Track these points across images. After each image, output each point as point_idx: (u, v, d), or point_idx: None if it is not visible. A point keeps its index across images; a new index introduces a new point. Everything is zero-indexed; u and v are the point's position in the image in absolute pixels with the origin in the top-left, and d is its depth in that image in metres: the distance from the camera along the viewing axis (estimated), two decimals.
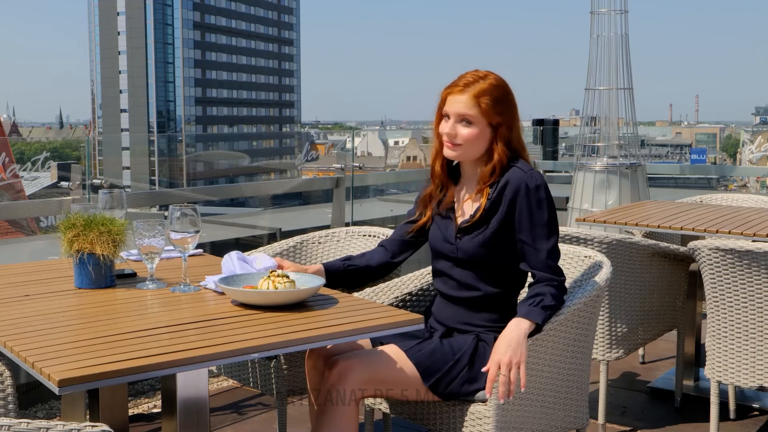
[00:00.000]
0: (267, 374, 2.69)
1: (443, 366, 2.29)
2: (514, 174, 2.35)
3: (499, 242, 2.36)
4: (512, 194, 2.33)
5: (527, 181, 2.32)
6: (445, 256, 2.45)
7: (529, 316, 2.26)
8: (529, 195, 2.32)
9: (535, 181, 2.33)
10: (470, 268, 2.40)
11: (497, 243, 2.36)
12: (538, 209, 2.32)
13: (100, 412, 2.33)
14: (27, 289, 2.29)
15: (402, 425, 3.39)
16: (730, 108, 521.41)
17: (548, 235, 2.33)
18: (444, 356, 2.31)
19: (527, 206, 2.32)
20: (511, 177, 2.35)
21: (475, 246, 2.37)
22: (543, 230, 2.32)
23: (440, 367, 2.29)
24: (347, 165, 5.87)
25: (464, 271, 2.41)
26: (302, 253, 3.23)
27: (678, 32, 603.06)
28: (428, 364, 2.29)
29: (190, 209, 2.21)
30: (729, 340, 3.05)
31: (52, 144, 64.29)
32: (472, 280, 2.40)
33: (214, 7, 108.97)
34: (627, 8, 6.11)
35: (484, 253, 2.37)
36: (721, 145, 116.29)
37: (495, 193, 2.36)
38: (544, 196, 2.33)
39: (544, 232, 2.32)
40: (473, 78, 2.38)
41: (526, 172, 2.35)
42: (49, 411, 3.75)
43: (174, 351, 1.72)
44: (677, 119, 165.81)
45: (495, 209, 2.36)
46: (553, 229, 2.34)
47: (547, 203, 2.34)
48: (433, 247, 2.50)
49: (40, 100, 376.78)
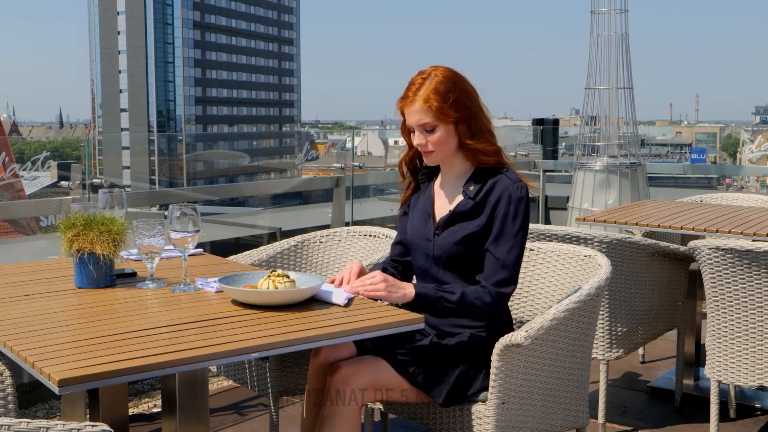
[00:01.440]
0: (262, 375, 2.69)
1: (448, 379, 2.29)
2: (502, 181, 2.35)
3: (476, 244, 2.34)
4: (496, 199, 2.32)
5: (512, 190, 2.32)
6: (424, 254, 2.43)
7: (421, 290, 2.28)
8: (510, 204, 2.32)
9: (519, 193, 2.32)
10: (449, 267, 2.39)
11: (475, 244, 2.34)
12: (512, 220, 2.31)
13: (100, 412, 2.34)
14: (27, 289, 2.29)
15: (401, 425, 3.39)
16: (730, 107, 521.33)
17: (510, 248, 2.31)
18: (445, 365, 2.31)
19: (503, 214, 2.31)
20: (497, 182, 2.35)
21: (450, 244, 2.36)
22: (508, 242, 2.31)
23: (445, 379, 2.29)
24: (347, 164, 5.87)
25: (444, 271, 2.39)
26: (302, 252, 3.23)
27: (678, 32, 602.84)
28: (432, 377, 2.29)
29: (190, 209, 2.21)
30: (729, 339, 3.05)
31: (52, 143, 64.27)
32: (452, 280, 2.38)
33: (214, 7, 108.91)
34: (627, 8, 6.12)
35: (461, 251, 2.35)
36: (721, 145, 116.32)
37: (480, 195, 2.35)
38: (522, 210, 2.33)
39: (508, 244, 2.31)
40: (419, 82, 2.33)
41: (514, 182, 2.34)
42: (49, 411, 3.75)
43: (174, 351, 1.72)
44: (677, 119, 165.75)
45: (478, 211, 2.35)
46: (517, 244, 2.32)
47: (522, 218, 2.33)
48: (411, 244, 2.49)
49: (40, 100, 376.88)
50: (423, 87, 2.32)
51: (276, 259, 3.14)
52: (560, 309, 2.32)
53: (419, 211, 2.49)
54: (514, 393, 2.29)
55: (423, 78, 2.34)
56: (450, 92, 2.31)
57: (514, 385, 2.28)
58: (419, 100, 2.31)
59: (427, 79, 2.32)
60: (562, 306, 2.33)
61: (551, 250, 2.79)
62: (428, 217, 2.45)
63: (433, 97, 2.30)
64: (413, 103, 2.32)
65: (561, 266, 2.75)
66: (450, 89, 2.31)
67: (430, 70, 2.36)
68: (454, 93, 2.32)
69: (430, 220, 2.44)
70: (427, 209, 2.46)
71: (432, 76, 2.33)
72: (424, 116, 2.32)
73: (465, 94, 2.34)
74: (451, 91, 2.31)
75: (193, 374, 1.93)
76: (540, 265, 2.84)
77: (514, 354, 2.25)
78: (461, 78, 2.36)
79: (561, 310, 2.32)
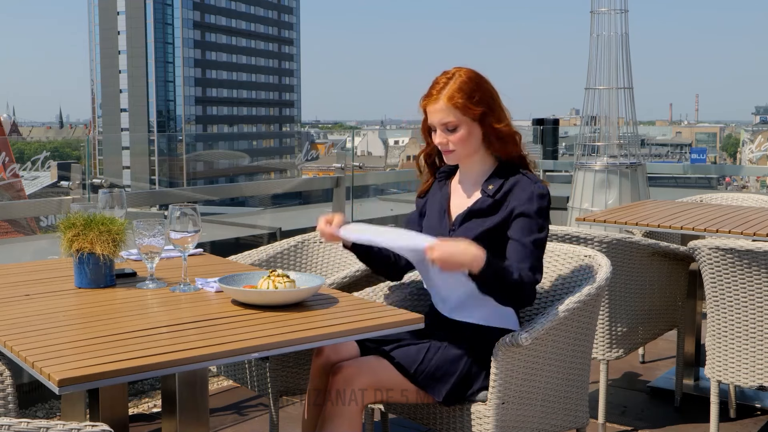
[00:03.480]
0: (262, 375, 2.69)
1: (449, 378, 2.29)
2: (522, 181, 2.36)
3: (493, 240, 2.33)
4: (517, 197, 2.33)
5: (534, 189, 2.34)
6: None
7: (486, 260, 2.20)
8: (532, 201, 2.32)
9: (541, 190, 2.34)
10: None
11: (491, 240, 2.33)
12: (536, 215, 2.32)
13: (100, 412, 2.34)
14: (27, 289, 2.29)
15: (401, 425, 3.39)
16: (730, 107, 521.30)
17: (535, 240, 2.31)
18: (446, 364, 2.31)
19: (526, 210, 2.31)
20: (518, 182, 2.36)
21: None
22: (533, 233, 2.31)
23: (446, 378, 2.29)
24: (347, 164, 5.88)
25: None
26: (302, 252, 3.23)
27: (678, 32, 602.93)
28: (433, 377, 2.29)
29: (190, 209, 2.21)
30: (729, 339, 3.05)
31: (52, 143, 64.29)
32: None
33: (214, 7, 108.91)
34: (627, 8, 6.12)
35: None
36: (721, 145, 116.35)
37: (500, 194, 2.36)
38: (545, 206, 2.34)
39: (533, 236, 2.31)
40: (443, 81, 2.37)
41: (535, 182, 2.36)
42: (49, 410, 3.75)
43: (174, 351, 1.72)
44: (677, 119, 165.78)
45: (496, 209, 2.36)
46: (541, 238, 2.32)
47: (545, 215, 2.35)
48: None
49: (40, 100, 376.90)
50: (447, 86, 2.36)
51: (276, 259, 3.14)
52: (560, 309, 2.32)
53: (435, 208, 2.49)
54: (514, 393, 2.29)
55: (447, 77, 2.37)
56: (474, 92, 2.35)
57: (514, 385, 2.28)
58: (443, 99, 2.35)
59: (451, 79, 2.36)
60: (562, 306, 2.34)
61: (551, 250, 2.79)
62: (444, 213, 2.46)
63: (457, 96, 2.34)
64: (437, 102, 2.36)
65: (561, 266, 2.75)
66: (474, 89, 2.36)
67: (454, 70, 2.40)
68: (478, 93, 2.36)
69: (445, 216, 2.45)
70: (443, 206, 2.47)
71: (456, 76, 2.37)
72: (447, 115, 2.35)
73: (488, 95, 2.38)
74: (475, 90, 2.36)
75: (193, 374, 1.93)
76: None
77: (514, 354, 2.26)
78: (484, 80, 2.40)
79: (561, 310, 2.32)
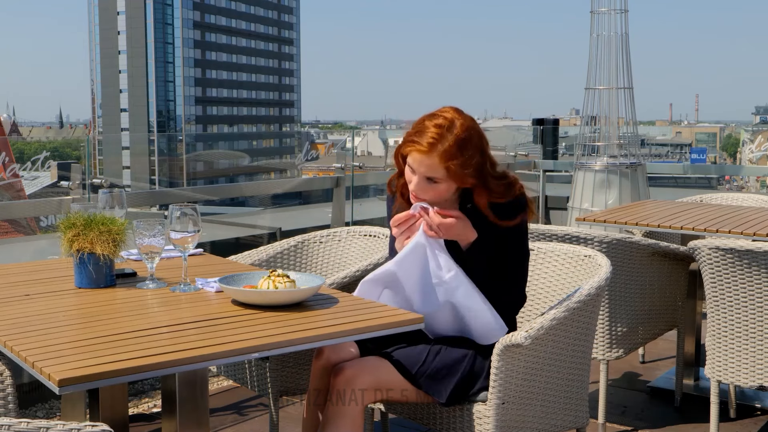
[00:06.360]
0: (262, 375, 2.69)
1: (451, 379, 2.29)
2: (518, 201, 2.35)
3: (479, 251, 2.34)
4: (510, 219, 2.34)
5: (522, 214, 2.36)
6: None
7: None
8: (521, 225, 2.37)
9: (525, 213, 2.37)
10: None
11: (479, 251, 2.34)
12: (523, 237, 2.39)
13: (100, 412, 2.34)
14: (27, 289, 2.29)
15: (401, 425, 3.39)
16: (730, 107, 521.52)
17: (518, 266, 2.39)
18: (448, 366, 2.30)
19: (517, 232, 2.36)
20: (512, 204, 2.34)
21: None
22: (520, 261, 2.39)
23: (448, 379, 2.29)
24: (347, 164, 5.87)
25: None
26: (303, 252, 3.23)
27: (678, 32, 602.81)
28: (435, 378, 2.29)
29: (190, 209, 2.21)
30: (729, 339, 3.05)
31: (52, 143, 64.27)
32: None
33: (214, 7, 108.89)
34: (627, 8, 6.12)
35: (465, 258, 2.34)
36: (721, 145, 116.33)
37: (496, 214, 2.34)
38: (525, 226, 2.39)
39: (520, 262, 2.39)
40: (437, 135, 2.18)
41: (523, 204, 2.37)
42: (49, 410, 3.75)
43: (174, 351, 1.72)
44: (677, 119, 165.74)
45: (479, 222, 2.33)
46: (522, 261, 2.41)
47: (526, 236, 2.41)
48: None
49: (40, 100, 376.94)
50: (441, 142, 2.19)
51: (276, 259, 3.14)
52: (560, 309, 2.32)
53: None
54: (514, 393, 2.29)
55: (443, 129, 2.19)
56: (471, 149, 2.20)
57: (514, 385, 2.28)
58: (435, 156, 2.19)
59: (448, 131, 2.19)
60: (562, 306, 2.34)
61: (551, 250, 2.79)
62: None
63: (452, 160, 2.18)
64: (428, 156, 2.19)
65: (561, 266, 2.75)
66: (471, 146, 2.20)
67: (449, 120, 2.22)
68: (472, 148, 2.21)
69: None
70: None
71: (452, 130, 2.19)
72: (436, 171, 2.21)
73: (481, 150, 2.24)
74: (472, 147, 2.21)
75: (193, 374, 1.93)
76: (540, 265, 2.84)
77: (514, 354, 2.26)
78: (477, 130, 2.25)
79: (561, 310, 2.32)
